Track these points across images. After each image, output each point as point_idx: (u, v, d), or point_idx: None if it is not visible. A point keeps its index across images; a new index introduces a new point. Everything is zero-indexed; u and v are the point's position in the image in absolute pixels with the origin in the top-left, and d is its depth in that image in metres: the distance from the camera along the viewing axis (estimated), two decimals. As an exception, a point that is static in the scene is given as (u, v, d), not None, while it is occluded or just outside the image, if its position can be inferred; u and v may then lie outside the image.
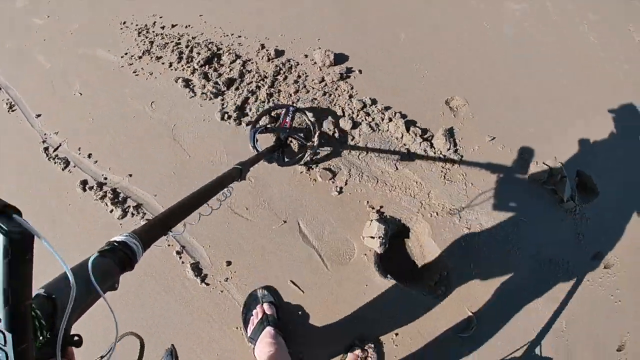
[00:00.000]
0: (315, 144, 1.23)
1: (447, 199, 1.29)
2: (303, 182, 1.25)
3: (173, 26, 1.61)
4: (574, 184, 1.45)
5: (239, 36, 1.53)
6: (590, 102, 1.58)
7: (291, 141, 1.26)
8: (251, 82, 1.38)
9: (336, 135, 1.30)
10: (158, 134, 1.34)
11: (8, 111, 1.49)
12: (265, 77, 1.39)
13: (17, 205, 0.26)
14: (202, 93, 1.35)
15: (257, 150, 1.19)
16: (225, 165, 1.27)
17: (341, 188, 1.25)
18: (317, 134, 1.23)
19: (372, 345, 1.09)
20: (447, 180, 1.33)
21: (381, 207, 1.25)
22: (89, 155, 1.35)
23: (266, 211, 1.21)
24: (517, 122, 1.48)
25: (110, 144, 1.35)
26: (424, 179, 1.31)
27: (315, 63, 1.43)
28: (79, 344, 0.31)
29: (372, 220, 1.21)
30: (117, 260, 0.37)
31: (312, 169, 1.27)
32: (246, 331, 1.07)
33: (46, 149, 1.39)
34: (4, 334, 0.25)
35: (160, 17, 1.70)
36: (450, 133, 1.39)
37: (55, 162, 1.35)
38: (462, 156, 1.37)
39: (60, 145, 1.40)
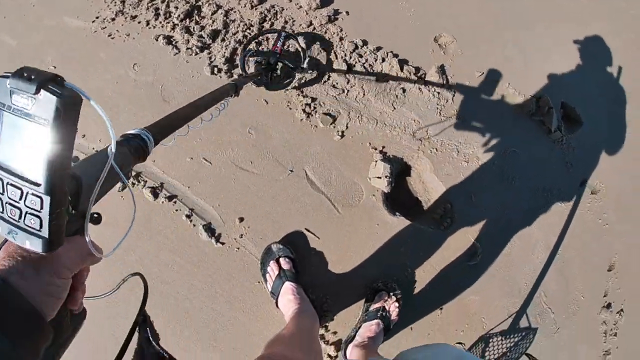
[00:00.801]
0: (304, 68, 1.22)
1: (444, 135, 1.32)
2: (304, 130, 1.24)
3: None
4: (559, 115, 1.51)
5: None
6: (564, 35, 1.59)
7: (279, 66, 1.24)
8: (237, 31, 1.30)
9: (323, 61, 1.28)
10: (146, 96, 1.27)
11: None
12: (251, 25, 1.31)
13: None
14: (187, 48, 1.27)
15: (246, 73, 1.19)
16: (225, 123, 1.23)
17: (342, 132, 1.25)
18: (306, 60, 1.22)
19: (395, 286, 1.14)
20: (443, 117, 1.35)
21: (383, 147, 1.27)
22: (83, 136, 1.27)
23: (271, 162, 1.20)
24: (503, 56, 1.49)
25: (95, 114, 1.27)
26: (421, 116, 1.33)
27: (300, 7, 1.36)
28: (98, 221, 0.33)
29: (376, 161, 1.23)
30: (132, 149, 0.39)
31: (311, 111, 1.26)
32: (266, 286, 1.10)
33: None
34: (41, 198, 0.25)
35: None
36: (441, 70, 1.39)
37: None
38: (454, 92, 1.38)
39: None
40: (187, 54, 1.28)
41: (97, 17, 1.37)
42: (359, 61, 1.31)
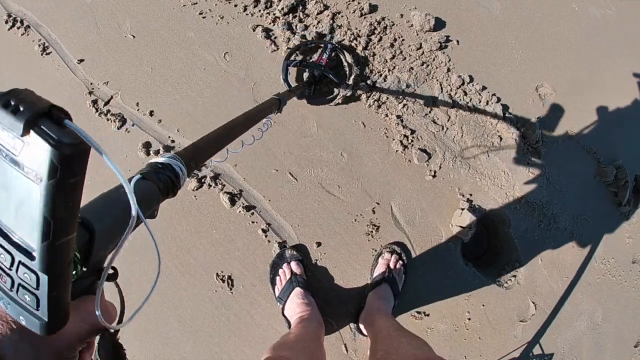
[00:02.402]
0: (349, 85, 1.14)
1: (531, 193, 1.27)
2: (398, 163, 1.17)
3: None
4: (631, 187, 1.48)
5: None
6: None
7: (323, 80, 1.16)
8: (343, 39, 1.20)
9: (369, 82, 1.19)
10: (235, 92, 1.17)
11: (42, 54, 1.23)
12: (359, 35, 1.21)
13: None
14: (288, 48, 1.16)
15: (289, 85, 1.12)
16: (317, 139, 1.15)
17: (435, 172, 1.18)
18: (352, 76, 1.14)
19: (394, 247, 1.10)
20: (531, 174, 1.30)
21: (470, 195, 1.21)
22: (151, 113, 1.17)
23: (359, 191, 1.14)
24: (601, 122, 1.43)
25: (176, 99, 1.17)
26: (511, 169, 1.27)
27: (412, 26, 1.25)
28: (114, 277, 0.28)
29: (463, 210, 1.17)
30: (160, 184, 0.31)
31: (408, 143, 1.18)
32: (274, 290, 1.06)
33: (95, 102, 1.19)
34: (37, 275, 0.19)
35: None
36: (540, 124, 1.32)
37: (108, 119, 1.17)
38: (546, 149, 1.33)
39: (112, 98, 1.20)
40: (287, 54, 1.17)
41: (189, -12, 1.24)
42: (463, 99, 1.23)
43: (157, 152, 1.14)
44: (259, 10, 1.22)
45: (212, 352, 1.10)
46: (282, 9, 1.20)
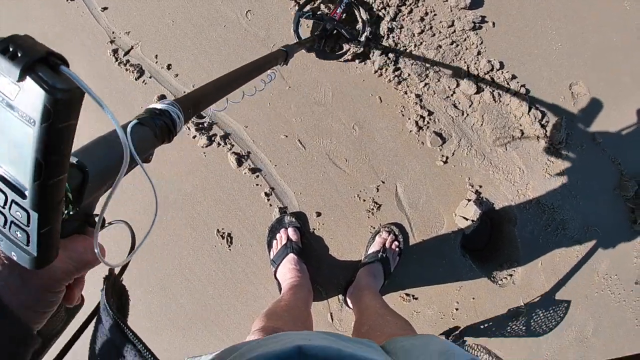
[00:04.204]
0: (361, 41, 1.09)
1: (544, 194, 1.23)
2: (410, 143, 1.14)
3: None
4: None
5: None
6: None
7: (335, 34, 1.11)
8: (370, 7, 1.14)
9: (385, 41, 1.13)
10: (253, 51, 1.14)
11: (67, 0, 1.22)
12: (388, 4, 1.14)
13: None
14: (311, 9, 1.12)
15: (299, 37, 1.09)
16: (330, 109, 1.12)
17: (447, 158, 1.15)
18: (365, 33, 1.09)
19: (393, 228, 1.10)
20: (548, 174, 1.24)
21: (480, 186, 1.18)
22: (168, 67, 1.16)
23: (366, 166, 1.12)
24: (632, 133, 1.34)
25: (194, 55, 1.16)
26: (528, 167, 1.22)
27: (446, 0, 1.18)
28: (103, 226, 0.29)
29: (469, 201, 1.15)
30: (157, 130, 0.32)
31: (423, 125, 1.14)
32: (269, 254, 1.08)
33: (115, 51, 1.19)
34: (28, 213, 0.20)
35: None
36: (568, 124, 1.25)
37: (127, 69, 1.17)
38: (567, 153, 1.26)
39: (132, 48, 1.19)
40: (310, 18, 1.12)
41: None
42: (489, 87, 1.17)
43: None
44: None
45: (207, 304, 1.15)
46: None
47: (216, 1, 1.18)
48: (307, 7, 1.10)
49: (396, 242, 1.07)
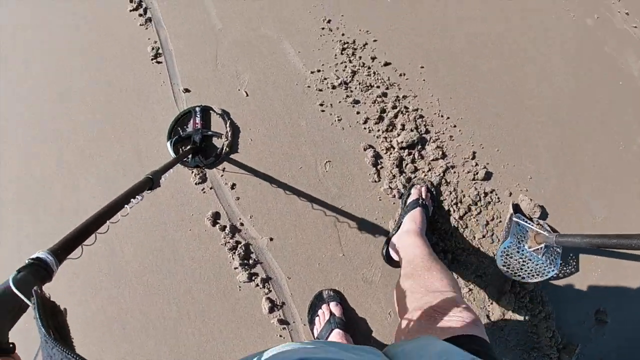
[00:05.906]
0: (229, 133, 1.18)
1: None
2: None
3: (386, 64, 1.24)
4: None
5: (454, 125, 1.22)
6: None
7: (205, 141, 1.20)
8: (445, 199, 1.14)
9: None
10: (322, 210, 1.12)
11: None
12: (461, 201, 1.15)
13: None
14: (389, 187, 1.11)
15: (184, 163, 1.18)
16: (376, 287, 1.11)
17: None
18: (228, 122, 1.19)
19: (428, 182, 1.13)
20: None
21: None
22: (232, 186, 1.14)
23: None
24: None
25: (258, 185, 1.13)
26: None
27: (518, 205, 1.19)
28: (12, 351, 0.35)
29: None
30: (34, 273, 0.43)
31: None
32: (312, 331, 1.06)
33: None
34: None
35: (375, 41, 1.28)
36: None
37: (192, 172, 1.14)
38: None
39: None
40: (387, 193, 1.11)
41: (318, 70, 1.16)
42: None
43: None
44: (379, 130, 1.16)
45: None
46: (402, 141, 1.14)
47: (300, 138, 1.15)
48: (173, 134, 1.19)
49: (429, 194, 1.10)
